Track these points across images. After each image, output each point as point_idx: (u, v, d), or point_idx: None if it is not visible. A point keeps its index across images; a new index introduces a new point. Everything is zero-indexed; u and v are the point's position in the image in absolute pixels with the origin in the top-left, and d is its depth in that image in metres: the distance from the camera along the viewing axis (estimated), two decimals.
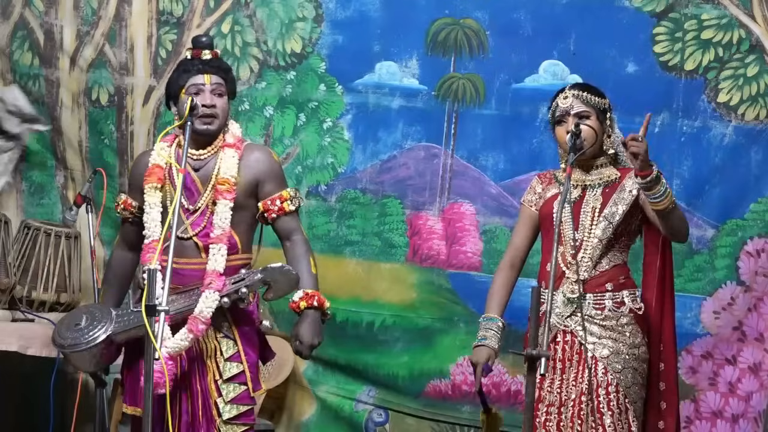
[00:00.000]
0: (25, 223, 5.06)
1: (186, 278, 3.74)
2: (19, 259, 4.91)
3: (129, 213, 3.94)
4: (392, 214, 5.37)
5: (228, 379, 3.77)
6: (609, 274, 3.93)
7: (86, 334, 3.71)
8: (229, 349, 3.79)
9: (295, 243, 3.90)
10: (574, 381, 3.89)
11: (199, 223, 3.79)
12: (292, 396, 5.40)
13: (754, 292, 5.05)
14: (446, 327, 5.32)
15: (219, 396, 3.76)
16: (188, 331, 3.66)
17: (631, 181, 3.95)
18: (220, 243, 3.75)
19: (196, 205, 3.80)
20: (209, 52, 3.87)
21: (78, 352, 3.72)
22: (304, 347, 3.77)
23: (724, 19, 5.08)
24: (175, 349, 3.66)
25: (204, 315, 3.67)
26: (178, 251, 3.66)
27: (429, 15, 5.31)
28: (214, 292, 3.68)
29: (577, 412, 3.86)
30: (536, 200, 4.12)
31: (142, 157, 3.96)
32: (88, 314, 3.78)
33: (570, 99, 3.96)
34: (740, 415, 5.07)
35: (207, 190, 3.80)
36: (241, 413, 3.79)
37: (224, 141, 3.86)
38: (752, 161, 5.08)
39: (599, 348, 3.88)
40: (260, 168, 3.87)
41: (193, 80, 3.82)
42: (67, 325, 3.77)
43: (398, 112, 5.34)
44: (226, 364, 3.77)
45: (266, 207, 3.87)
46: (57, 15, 5.45)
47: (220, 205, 3.78)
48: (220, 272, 3.72)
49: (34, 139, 5.53)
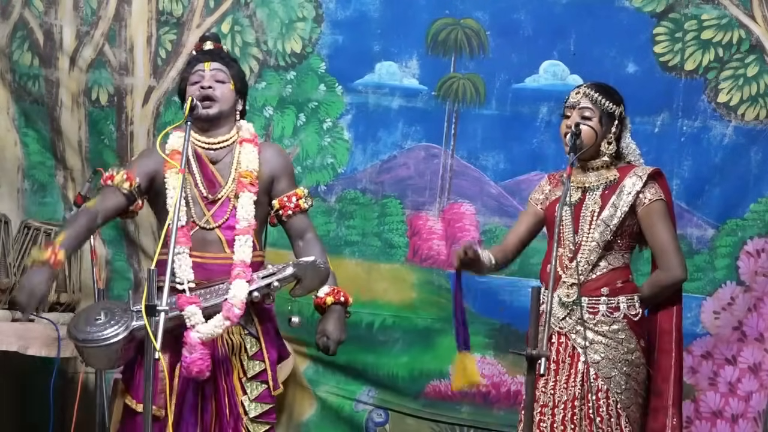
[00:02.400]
0: (25, 223, 5.05)
1: (213, 273, 3.73)
2: (19, 259, 4.91)
3: (128, 187, 3.80)
4: (392, 215, 5.37)
5: (251, 377, 3.76)
6: (606, 278, 3.93)
7: (104, 330, 3.60)
8: (252, 346, 3.78)
9: (310, 241, 3.91)
10: (566, 384, 3.89)
11: (221, 215, 3.78)
12: (292, 396, 5.40)
13: (754, 292, 5.06)
14: (446, 327, 5.31)
15: (244, 394, 3.76)
16: (225, 318, 3.63)
17: (630, 182, 3.94)
18: (247, 235, 3.74)
19: (216, 196, 3.79)
20: (211, 43, 3.89)
21: (95, 348, 3.61)
22: (332, 342, 3.83)
23: (724, 19, 5.08)
24: (208, 335, 3.63)
25: (239, 299, 3.64)
26: (201, 245, 3.70)
27: (429, 15, 5.31)
28: (242, 280, 3.67)
29: (570, 416, 3.86)
30: (542, 200, 4.13)
31: (154, 148, 3.89)
32: (107, 310, 3.66)
33: (581, 95, 3.97)
34: (740, 415, 5.07)
35: (228, 182, 3.80)
36: (264, 411, 3.78)
37: (239, 136, 3.87)
38: (752, 161, 5.09)
39: (591, 353, 3.88)
40: (276, 164, 3.89)
41: (194, 69, 3.85)
42: (86, 319, 3.65)
43: (398, 112, 5.34)
44: (250, 362, 3.77)
45: (282, 204, 3.88)
46: (57, 15, 5.45)
47: (244, 198, 3.78)
48: (248, 263, 3.71)
49: (34, 139, 5.53)
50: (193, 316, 3.63)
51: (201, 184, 3.79)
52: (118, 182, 3.80)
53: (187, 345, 3.60)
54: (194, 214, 3.76)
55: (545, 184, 4.16)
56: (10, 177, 5.52)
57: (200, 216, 3.77)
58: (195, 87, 3.82)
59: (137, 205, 3.86)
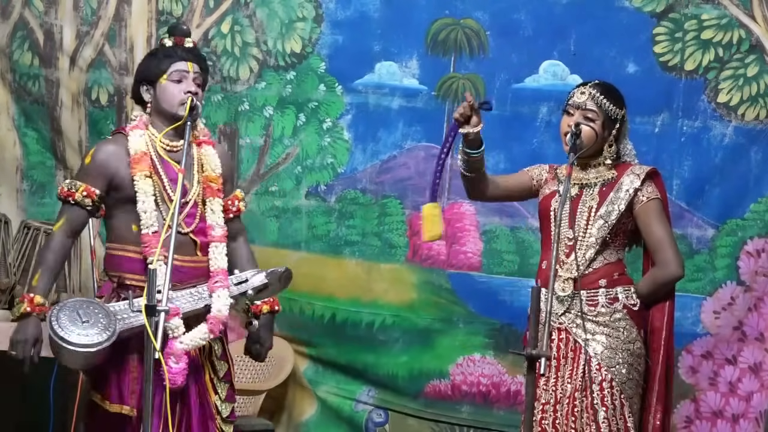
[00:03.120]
0: (25, 223, 5.05)
1: (185, 275, 3.72)
2: (19, 259, 4.90)
3: (90, 201, 3.74)
4: (392, 215, 5.37)
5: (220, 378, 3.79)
6: (602, 271, 3.93)
7: (89, 335, 3.52)
8: (219, 348, 3.81)
9: (242, 244, 3.95)
10: (569, 378, 3.89)
11: (191, 219, 3.77)
12: (292, 396, 5.40)
13: (754, 292, 5.06)
14: (446, 327, 5.32)
15: (215, 394, 3.77)
16: (209, 331, 3.65)
17: (628, 179, 3.94)
18: (222, 242, 3.77)
19: (186, 199, 3.76)
20: (191, 40, 3.85)
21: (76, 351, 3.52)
22: (264, 350, 3.89)
23: (724, 19, 5.08)
24: (192, 346, 3.64)
25: (223, 313, 3.67)
26: (175, 248, 3.60)
27: (429, 15, 5.31)
28: (224, 290, 3.69)
29: (571, 410, 3.86)
30: (537, 178, 4.14)
31: (107, 144, 3.80)
32: (88, 311, 3.57)
33: (585, 96, 3.95)
34: (741, 415, 5.07)
35: (194, 184, 3.79)
36: (231, 410, 3.81)
37: (196, 137, 3.82)
38: (752, 161, 5.09)
39: (593, 344, 3.88)
40: (226, 167, 3.88)
41: (176, 66, 3.75)
42: (70, 316, 3.56)
43: (398, 112, 5.34)
44: (219, 362, 3.79)
45: (226, 207, 3.87)
46: (57, 15, 5.45)
47: (214, 204, 3.78)
48: (226, 271, 3.74)
49: (34, 139, 5.53)
50: (176, 329, 3.63)
51: (168, 187, 3.76)
52: (79, 199, 3.74)
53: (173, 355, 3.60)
54: (165, 218, 3.69)
55: (545, 171, 4.16)
56: (10, 177, 5.52)
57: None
58: (178, 88, 3.74)
59: (101, 212, 3.81)
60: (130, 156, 3.72)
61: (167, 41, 3.82)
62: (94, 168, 3.75)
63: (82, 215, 3.77)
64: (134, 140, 3.74)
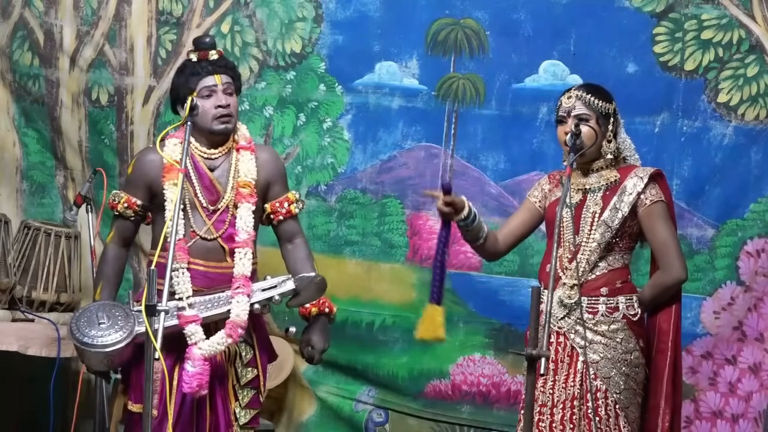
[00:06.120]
0: (25, 223, 5.06)
1: (214, 281, 3.77)
2: (19, 259, 4.91)
3: (132, 212, 3.89)
4: (392, 214, 5.37)
5: (244, 384, 3.81)
6: (606, 278, 3.92)
7: (107, 336, 3.64)
8: (247, 354, 3.83)
9: (298, 246, 3.96)
10: (564, 383, 3.89)
11: (221, 224, 3.80)
12: (292, 396, 5.40)
13: (754, 292, 5.06)
14: (446, 327, 5.31)
15: (236, 401, 3.79)
16: (227, 336, 3.67)
17: (631, 182, 3.94)
18: (247, 247, 3.78)
19: (217, 206, 3.81)
20: (215, 51, 3.87)
21: (96, 352, 3.65)
22: (316, 352, 3.88)
23: (724, 19, 5.08)
24: (210, 351, 3.67)
25: (242, 319, 3.69)
26: (202, 254, 3.74)
27: (429, 15, 5.31)
28: (245, 296, 3.71)
29: (569, 416, 3.86)
30: (540, 198, 4.12)
31: (147, 153, 3.93)
32: (109, 313, 3.70)
33: (573, 100, 3.95)
34: (740, 415, 5.07)
35: (227, 191, 3.81)
36: (252, 417, 3.84)
37: (236, 143, 3.88)
38: (752, 161, 5.09)
39: (590, 352, 3.87)
40: (271, 169, 3.92)
41: (203, 83, 3.82)
42: (88, 320, 3.68)
43: (398, 112, 5.34)
44: (244, 369, 3.81)
45: (274, 209, 3.91)
46: (57, 15, 5.45)
47: (243, 209, 3.81)
48: (248, 276, 3.76)
49: (34, 139, 5.53)
50: (193, 335, 3.65)
51: (200, 194, 3.80)
52: (121, 210, 3.89)
53: (190, 360, 3.63)
54: (194, 224, 3.79)
55: (545, 183, 4.15)
56: (10, 177, 5.53)
57: (201, 225, 3.80)
58: (209, 103, 3.79)
59: (147, 219, 3.96)
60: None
61: (192, 56, 3.87)
62: (134, 178, 3.89)
63: (129, 224, 3.93)
64: (169, 149, 3.82)
